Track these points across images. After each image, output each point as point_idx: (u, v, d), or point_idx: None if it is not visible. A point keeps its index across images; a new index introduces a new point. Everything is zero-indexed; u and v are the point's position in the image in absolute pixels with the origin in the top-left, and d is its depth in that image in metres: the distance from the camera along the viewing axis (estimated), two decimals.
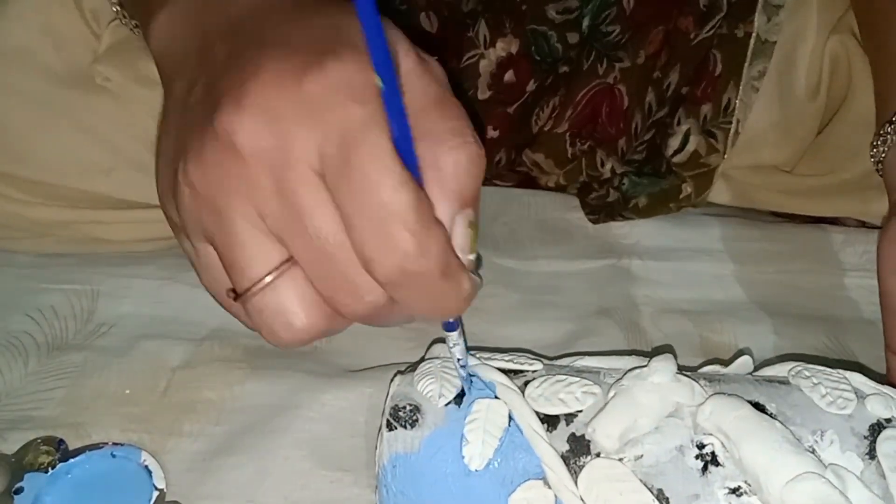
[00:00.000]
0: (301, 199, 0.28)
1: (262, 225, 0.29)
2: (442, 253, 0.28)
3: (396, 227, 0.27)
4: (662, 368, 0.35)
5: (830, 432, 0.34)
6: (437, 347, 0.41)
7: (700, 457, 0.33)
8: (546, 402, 0.35)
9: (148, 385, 0.44)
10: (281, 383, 0.44)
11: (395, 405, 0.36)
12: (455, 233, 0.29)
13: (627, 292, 0.52)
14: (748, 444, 0.33)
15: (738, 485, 0.33)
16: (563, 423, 0.35)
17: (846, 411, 0.34)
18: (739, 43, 0.53)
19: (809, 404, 0.35)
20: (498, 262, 0.54)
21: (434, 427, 0.35)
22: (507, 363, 0.38)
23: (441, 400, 0.36)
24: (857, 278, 0.53)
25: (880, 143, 0.45)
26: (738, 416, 0.33)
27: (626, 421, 0.34)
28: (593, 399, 0.35)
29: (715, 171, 0.55)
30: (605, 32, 0.56)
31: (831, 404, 0.35)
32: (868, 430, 0.34)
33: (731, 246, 0.55)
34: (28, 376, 0.45)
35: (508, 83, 0.58)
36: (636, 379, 0.35)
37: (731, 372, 0.39)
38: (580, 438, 0.34)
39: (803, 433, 0.34)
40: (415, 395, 0.36)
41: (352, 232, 0.27)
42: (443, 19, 0.56)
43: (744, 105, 0.53)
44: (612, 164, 0.59)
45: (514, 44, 0.57)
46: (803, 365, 0.38)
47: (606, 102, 0.57)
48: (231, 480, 0.40)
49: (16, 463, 0.39)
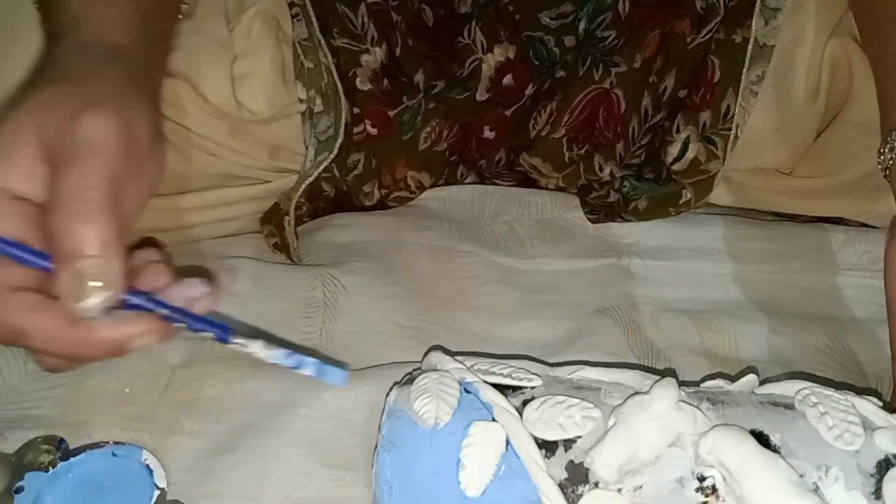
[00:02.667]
0: None
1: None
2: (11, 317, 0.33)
3: None
4: (664, 396, 0.35)
5: (836, 469, 0.33)
6: (434, 356, 0.40)
7: (700, 490, 0.33)
8: (545, 426, 0.35)
9: (148, 384, 0.44)
10: (281, 382, 0.44)
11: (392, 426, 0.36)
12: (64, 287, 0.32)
13: (627, 291, 0.52)
14: (751, 482, 0.32)
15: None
16: (561, 450, 0.34)
17: (853, 447, 0.34)
18: (738, 48, 0.53)
19: (815, 437, 0.34)
20: (498, 261, 0.54)
21: (430, 450, 0.35)
22: (506, 378, 0.37)
23: (437, 423, 0.35)
24: (858, 278, 0.53)
25: (887, 150, 0.45)
26: (741, 452, 0.33)
27: (626, 452, 0.33)
28: (593, 424, 0.35)
29: (715, 177, 0.55)
30: (601, 37, 0.56)
31: (838, 438, 0.34)
32: (875, 467, 0.33)
33: (731, 245, 0.55)
34: (28, 375, 0.44)
35: (507, 87, 0.58)
36: (637, 407, 0.35)
37: (735, 389, 0.38)
38: (578, 466, 0.34)
39: (807, 468, 0.33)
40: (410, 413, 0.36)
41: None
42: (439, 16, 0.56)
43: (743, 110, 0.53)
44: (611, 169, 0.59)
45: (511, 49, 0.57)
46: (811, 388, 0.37)
47: (603, 107, 0.57)
48: (232, 479, 0.40)
49: (16, 462, 0.39)
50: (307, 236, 0.56)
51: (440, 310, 0.50)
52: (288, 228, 0.53)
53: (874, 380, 0.47)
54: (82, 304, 0.32)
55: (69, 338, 0.33)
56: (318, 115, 0.54)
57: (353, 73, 0.55)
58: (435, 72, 0.57)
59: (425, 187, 0.60)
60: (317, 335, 0.48)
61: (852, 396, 0.36)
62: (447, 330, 0.49)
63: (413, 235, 0.55)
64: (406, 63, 0.57)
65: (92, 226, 0.32)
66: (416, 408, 0.36)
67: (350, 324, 0.49)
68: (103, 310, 0.32)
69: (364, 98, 0.55)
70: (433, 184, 0.60)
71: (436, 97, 0.57)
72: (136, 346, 0.34)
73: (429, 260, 0.53)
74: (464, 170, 0.62)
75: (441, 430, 0.35)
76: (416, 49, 0.57)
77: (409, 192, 0.59)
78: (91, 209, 0.32)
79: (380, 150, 0.57)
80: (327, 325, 0.49)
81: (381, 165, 0.58)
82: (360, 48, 0.55)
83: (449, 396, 0.36)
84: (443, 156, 0.59)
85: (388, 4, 0.55)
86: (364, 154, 0.57)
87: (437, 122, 0.58)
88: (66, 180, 0.33)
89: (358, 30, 0.55)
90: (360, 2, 0.55)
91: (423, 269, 0.53)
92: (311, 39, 0.53)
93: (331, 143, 0.53)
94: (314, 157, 0.53)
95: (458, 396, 0.36)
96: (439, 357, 0.40)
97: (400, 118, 0.57)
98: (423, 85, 0.57)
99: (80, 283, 0.32)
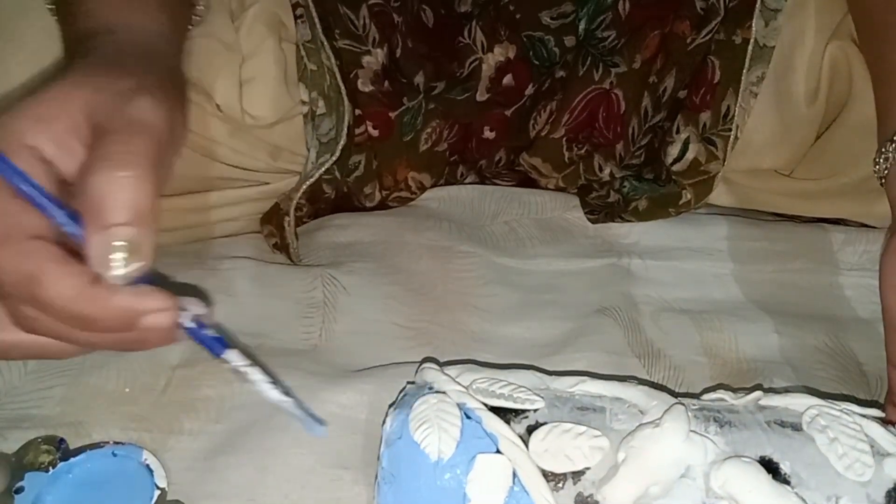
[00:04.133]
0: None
1: None
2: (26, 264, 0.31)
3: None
4: (675, 429, 0.34)
5: (846, 499, 0.33)
6: (428, 373, 0.39)
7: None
8: (552, 458, 0.34)
9: (147, 383, 0.44)
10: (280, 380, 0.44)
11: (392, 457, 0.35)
12: (95, 250, 0.31)
13: (627, 291, 0.52)
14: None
15: None
16: (570, 482, 0.34)
17: (864, 478, 0.33)
18: (737, 49, 0.53)
19: (825, 465, 0.34)
20: (498, 261, 0.54)
21: (434, 484, 0.34)
22: (507, 401, 0.37)
23: (441, 457, 0.34)
24: (857, 277, 0.53)
25: (882, 160, 0.45)
26: (753, 487, 0.33)
27: (639, 489, 0.33)
28: (601, 454, 0.34)
29: (715, 177, 0.55)
30: (601, 37, 0.56)
31: (848, 469, 0.34)
32: (885, 496, 0.33)
33: (731, 245, 0.55)
34: (28, 375, 0.44)
35: (507, 86, 0.58)
36: (647, 440, 0.34)
37: (739, 405, 0.38)
38: (588, 498, 0.33)
39: (818, 498, 0.33)
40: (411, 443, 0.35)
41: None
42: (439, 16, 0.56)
43: (743, 111, 0.53)
44: (611, 169, 0.59)
45: (511, 49, 0.57)
46: (818, 408, 0.36)
47: (603, 107, 0.57)
48: (232, 479, 0.40)
49: (16, 462, 0.39)
50: (307, 236, 0.56)
51: (440, 310, 0.50)
52: (288, 229, 0.53)
53: (874, 380, 0.47)
54: (113, 269, 0.31)
55: (86, 296, 0.31)
56: (320, 117, 0.54)
57: (354, 75, 0.55)
58: (435, 73, 0.57)
59: (426, 188, 0.60)
60: (316, 335, 0.48)
61: (860, 418, 0.36)
62: (447, 330, 0.49)
63: (413, 235, 0.55)
64: (406, 64, 0.57)
65: (134, 193, 0.31)
66: (416, 439, 0.35)
67: (350, 324, 0.49)
68: (128, 280, 0.32)
69: (365, 99, 0.55)
70: (434, 184, 0.60)
71: (436, 98, 0.57)
72: (146, 324, 0.32)
73: (429, 260, 0.53)
74: (464, 170, 0.62)
75: (445, 463, 0.34)
76: (416, 50, 0.57)
77: (410, 193, 0.59)
78: (136, 175, 0.31)
79: (381, 152, 0.57)
80: (327, 326, 0.49)
81: (382, 167, 0.58)
82: (361, 49, 0.55)
83: (451, 427, 0.35)
84: (443, 156, 0.59)
85: (389, 5, 0.55)
86: (365, 155, 0.57)
87: (437, 122, 0.58)
88: (113, 145, 0.32)
89: (359, 31, 0.55)
90: (362, 3, 0.55)
91: (423, 269, 0.53)
92: (315, 41, 0.53)
93: (332, 145, 0.53)
94: (315, 159, 0.53)
95: (461, 426, 0.35)
96: (434, 375, 0.38)
97: (401, 119, 0.57)
98: (423, 86, 0.57)
99: (113, 249, 0.31)
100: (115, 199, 0.31)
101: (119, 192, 0.31)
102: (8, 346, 0.35)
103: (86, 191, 0.31)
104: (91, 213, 0.31)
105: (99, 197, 0.31)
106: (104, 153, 0.32)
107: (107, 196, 0.31)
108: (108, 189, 0.31)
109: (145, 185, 0.32)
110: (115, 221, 0.31)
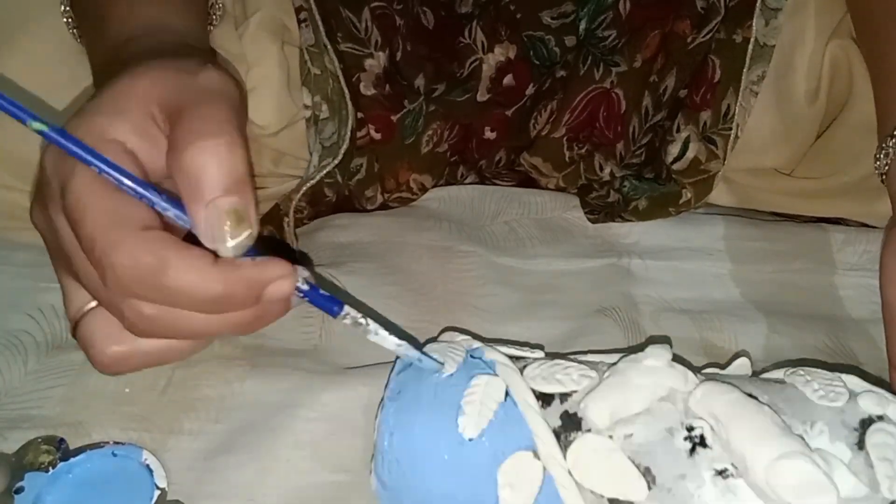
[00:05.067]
0: (66, 249, 0.33)
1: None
2: (148, 253, 0.30)
3: (98, 247, 0.30)
4: (658, 354, 0.36)
5: (821, 423, 0.34)
6: (447, 334, 0.42)
7: (689, 439, 0.34)
8: (543, 381, 0.36)
9: (147, 383, 0.44)
10: (281, 382, 0.44)
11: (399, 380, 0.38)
12: (201, 224, 0.31)
13: (627, 291, 0.52)
14: (736, 426, 0.33)
15: (724, 467, 0.33)
16: (557, 401, 0.36)
17: (837, 404, 0.35)
18: (738, 48, 0.53)
19: (802, 398, 0.36)
20: (498, 261, 0.54)
21: (433, 399, 0.36)
22: (510, 349, 0.39)
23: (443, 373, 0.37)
24: (857, 278, 0.53)
25: (882, 155, 0.46)
26: (728, 400, 0.34)
27: (618, 399, 0.35)
28: (589, 381, 0.36)
29: (715, 177, 0.55)
30: (602, 37, 0.56)
31: (823, 398, 0.35)
32: (859, 423, 0.34)
33: (731, 245, 0.55)
34: (28, 375, 0.45)
35: (507, 86, 0.58)
36: (631, 362, 0.36)
37: (729, 373, 0.40)
38: (573, 416, 0.35)
39: (794, 423, 0.34)
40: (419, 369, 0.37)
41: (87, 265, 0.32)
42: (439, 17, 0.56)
43: (743, 110, 0.53)
44: (611, 168, 0.59)
45: (511, 49, 0.57)
46: (800, 367, 0.38)
47: (603, 107, 0.57)
48: (232, 479, 0.40)
49: (16, 462, 0.39)
50: (307, 237, 0.56)
51: (440, 310, 0.50)
52: (287, 230, 0.53)
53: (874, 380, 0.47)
54: (227, 241, 0.31)
55: (213, 276, 0.31)
56: (323, 121, 0.54)
57: (357, 78, 0.55)
58: (435, 74, 0.57)
59: (427, 189, 0.60)
60: (316, 335, 0.48)
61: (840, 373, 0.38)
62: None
63: (413, 236, 0.55)
64: (406, 67, 0.56)
65: (229, 161, 0.31)
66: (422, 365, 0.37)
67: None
68: (240, 250, 0.31)
69: (368, 103, 0.55)
70: (434, 185, 0.60)
71: (436, 100, 0.57)
72: (269, 294, 0.32)
73: (429, 260, 0.53)
74: (464, 170, 0.62)
75: (445, 380, 0.37)
76: (416, 52, 0.57)
77: (412, 194, 0.59)
78: (227, 142, 0.31)
79: (383, 155, 0.57)
80: (327, 326, 0.49)
81: (383, 170, 0.58)
82: (364, 52, 0.55)
83: (456, 355, 0.38)
84: (444, 157, 0.59)
85: (391, 8, 0.55)
86: (367, 158, 0.57)
87: (438, 124, 0.58)
88: (195, 119, 0.32)
89: (362, 34, 0.55)
90: (364, 6, 0.54)
91: (423, 269, 0.53)
92: (318, 45, 0.53)
93: (335, 149, 0.53)
94: (318, 163, 0.53)
95: (464, 356, 0.38)
96: (451, 334, 0.42)
97: (402, 122, 0.57)
98: (423, 88, 0.57)
99: (222, 220, 0.31)
100: (213, 171, 0.31)
101: (214, 162, 0.31)
102: (121, 357, 0.34)
103: (180, 170, 0.31)
104: (191, 190, 0.31)
105: (196, 172, 0.31)
106: (189, 129, 0.32)
107: (203, 169, 0.31)
108: (202, 162, 0.31)
109: (238, 151, 0.31)
110: (218, 193, 0.31)
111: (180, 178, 0.31)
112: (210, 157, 0.31)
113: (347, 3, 0.54)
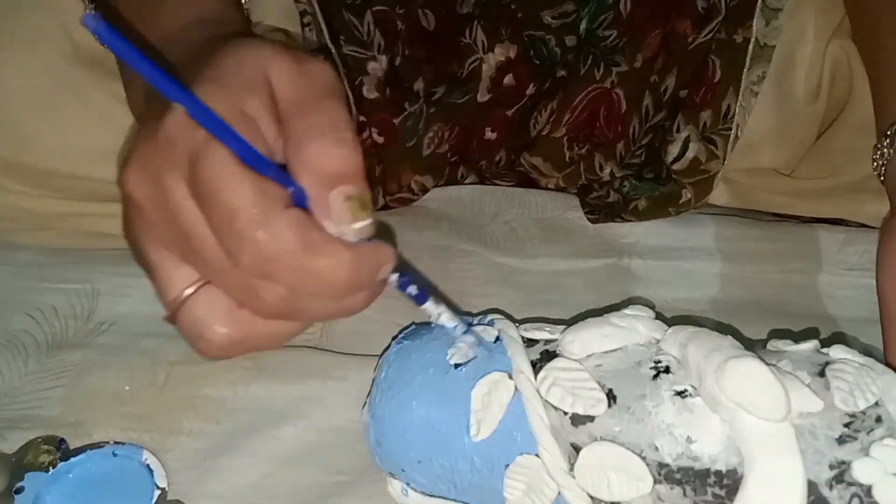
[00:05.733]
0: (184, 223, 0.32)
1: (171, 254, 0.33)
2: (293, 231, 0.30)
3: (241, 220, 0.30)
4: (639, 308, 0.38)
5: (786, 361, 0.35)
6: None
7: (654, 368, 0.35)
8: (533, 330, 0.39)
9: (147, 383, 0.44)
10: (282, 382, 0.44)
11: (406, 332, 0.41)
12: (332, 209, 0.32)
13: (627, 291, 0.52)
14: (695, 345, 0.34)
15: (684, 388, 0.34)
16: (540, 344, 0.38)
17: (805, 347, 0.36)
18: (738, 48, 0.53)
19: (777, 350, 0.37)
20: (498, 261, 0.54)
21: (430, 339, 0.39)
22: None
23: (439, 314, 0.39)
24: (857, 278, 0.52)
25: (879, 155, 0.46)
26: (694, 329, 0.35)
27: (593, 334, 0.36)
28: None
29: (715, 177, 0.55)
30: (603, 36, 0.56)
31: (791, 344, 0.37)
32: (824, 362, 0.35)
33: (731, 245, 0.55)
34: (28, 375, 0.45)
35: (508, 86, 0.58)
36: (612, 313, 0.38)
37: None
38: (552, 353, 0.37)
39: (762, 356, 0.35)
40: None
41: (217, 235, 0.31)
42: (440, 18, 0.56)
43: (743, 110, 0.53)
44: (611, 168, 0.59)
45: (512, 49, 0.57)
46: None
47: (604, 106, 0.57)
48: (232, 480, 0.40)
49: (16, 462, 0.39)
50: None
51: None
52: None
53: None
54: (353, 224, 0.32)
55: (349, 260, 0.32)
56: None
57: (359, 82, 0.55)
58: (435, 76, 0.57)
59: (428, 189, 0.60)
60: (317, 335, 0.48)
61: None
62: None
63: (413, 236, 0.55)
64: (407, 70, 0.56)
65: (351, 152, 0.32)
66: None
67: (350, 324, 0.49)
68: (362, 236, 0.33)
69: (370, 106, 0.55)
70: (435, 185, 0.60)
71: (437, 102, 0.57)
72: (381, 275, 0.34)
73: (429, 260, 0.53)
74: (464, 170, 0.62)
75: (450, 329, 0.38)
76: (417, 54, 0.56)
77: (413, 195, 0.60)
78: (348, 138, 0.33)
79: (385, 158, 0.57)
80: (327, 326, 0.49)
81: (386, 173, 0.58)
82: (366, 55, 0.54)
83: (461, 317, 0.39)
84: (444, 157, 0.59)
85: (393, 11, 0.55)
86: (369, 161, 0.57)
87: (438, 126, 0.57)
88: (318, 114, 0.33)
89: (364, 37, 0.54)
90: (366, 9, 0.54)
91: (423, 269, 0.53)
92: (321, 49, 0.53)
93: None
94: None
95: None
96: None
97: (404, 125, 0.57)
98: (423, 91, 0.57)
99: (348, 205, 0.32)
100: (339, 162, 0.32)
101: (340, 154, 0.32)
102: (235, 341, 0.34)
103: (306, 159, 0.32)
104: (317, 178, 0.32)
105: (324, 163, 0.32)
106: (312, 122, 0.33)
107: (330, 160, 0.32)
108: (329, 153, 0.32)
109: (358, 147, 0.33)
110: (344, 181, 0.32)
111: (305, 167, 0.32)
112: (336, 150, 0.32)
113: (350, 7, 0.54)
